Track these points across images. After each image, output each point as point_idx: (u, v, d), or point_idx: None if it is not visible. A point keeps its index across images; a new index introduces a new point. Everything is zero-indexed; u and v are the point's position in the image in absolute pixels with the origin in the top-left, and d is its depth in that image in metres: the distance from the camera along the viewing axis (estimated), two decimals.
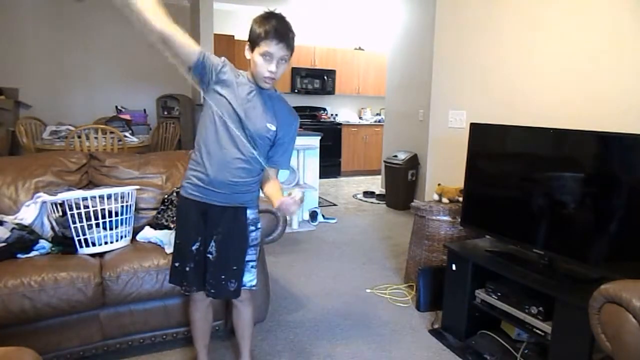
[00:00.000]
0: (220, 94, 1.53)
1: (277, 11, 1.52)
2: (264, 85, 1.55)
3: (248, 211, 1.65)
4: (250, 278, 1.70)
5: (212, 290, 1.64)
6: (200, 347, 1.87)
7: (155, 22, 1.35)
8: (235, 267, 1.64)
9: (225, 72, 1.54)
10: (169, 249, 2.03)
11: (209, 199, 1.59)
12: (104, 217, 2.00)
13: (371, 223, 4.56)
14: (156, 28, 1.35)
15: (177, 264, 1.67)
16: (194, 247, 1.62)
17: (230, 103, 1.53)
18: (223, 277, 1.62)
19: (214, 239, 1.61)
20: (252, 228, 1.68)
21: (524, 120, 2.33)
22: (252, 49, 1.52)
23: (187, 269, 1.63)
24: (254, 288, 1.72)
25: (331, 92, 7.48)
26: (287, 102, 1.69)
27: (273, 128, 1.60)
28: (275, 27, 1.46)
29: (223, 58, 1.56)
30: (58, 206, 2.04)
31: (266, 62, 1.49)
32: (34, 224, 2.10)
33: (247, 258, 1.68)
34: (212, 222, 1.61)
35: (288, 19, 1.52)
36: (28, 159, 2.58)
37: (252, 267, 1.70)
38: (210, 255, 1.62)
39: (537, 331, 1.87)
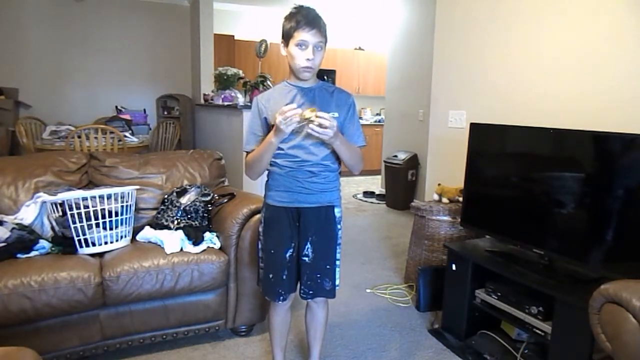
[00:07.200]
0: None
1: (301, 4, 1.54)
2: (304, 76, 1.55)
3: (335, 209, 1.68)
4: (336, 277, 1.72)
5: (311, 292, 1.65)
6: (278, 350, 1.86)
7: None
8: (328, 267, 1.66)
9: (268, 113, 1.59)
10: (169, 249, 2.03)
11: (300, 202, 1.62)
12: (104, 217, 2.00)
13: (371, 223, 4.56)
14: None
15: (271, 276, 1.65)
16: (287, 255, 1.63)
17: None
18: (319, 275, 1.64)
19: (309, 241, 1.63)
20: (339, 226, 1.70)
21: (524, 120, 2.33)
22: (286, 44, 1.53)
23: (284, 277, 1.63)
24: (337, 287, 1.74)
25: None
26: (331, 86, 1.67)
27: (336, 115, 1.60)
28: (305, 16, 1.49)
29: (254, 109, 1.63)
30: (58, 206, 2.04)
31: (302, 51, 1.50)
32: (34, 224, 2.10)
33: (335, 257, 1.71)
34: (305, 224, 1.63)
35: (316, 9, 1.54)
36: (28, 159, 2.57)
37: (337, 265, 1.72)
38: (306, 258, 1.63)
39: (537, 331, 1.87)
